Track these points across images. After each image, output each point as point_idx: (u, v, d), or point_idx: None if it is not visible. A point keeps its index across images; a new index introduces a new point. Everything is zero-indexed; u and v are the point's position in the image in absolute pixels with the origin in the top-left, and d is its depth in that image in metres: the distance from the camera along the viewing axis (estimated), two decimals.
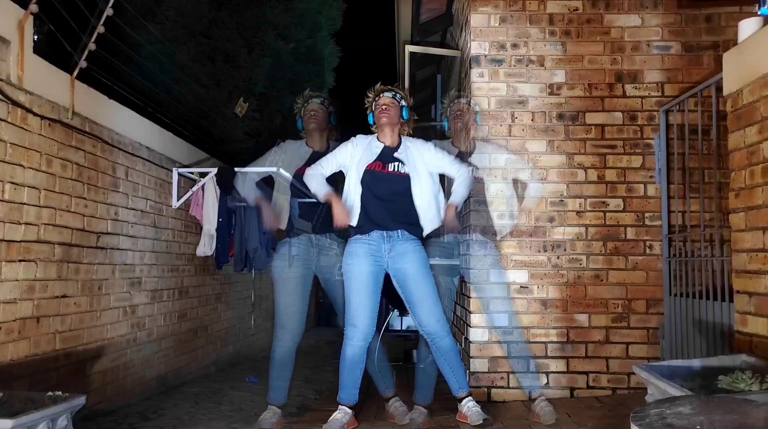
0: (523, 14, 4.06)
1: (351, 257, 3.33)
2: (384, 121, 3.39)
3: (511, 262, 3.90)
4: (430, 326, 3.29)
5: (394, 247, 3.31)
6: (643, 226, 3.93)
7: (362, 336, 3.27)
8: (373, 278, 3.31)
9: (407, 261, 3.30)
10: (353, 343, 3.28)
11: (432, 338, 3.30)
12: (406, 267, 3.30)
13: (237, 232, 4.78)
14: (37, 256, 3.05)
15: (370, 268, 3.30)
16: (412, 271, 3.30)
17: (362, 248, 3.31)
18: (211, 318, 5.55)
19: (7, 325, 2.83)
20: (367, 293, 3.28)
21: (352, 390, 3.30)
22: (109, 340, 3.77)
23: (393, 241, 3.31)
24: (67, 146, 3.32)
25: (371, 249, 3.31)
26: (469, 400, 3.25)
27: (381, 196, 3.34)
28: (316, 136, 3.73)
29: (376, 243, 3.31)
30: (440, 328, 3.28)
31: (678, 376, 2.28)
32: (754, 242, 2.57)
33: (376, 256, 3.31)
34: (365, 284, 3.29)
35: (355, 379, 3.31)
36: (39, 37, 3.39)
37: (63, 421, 2.32)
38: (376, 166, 3.36)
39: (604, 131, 3.99)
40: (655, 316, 3.87)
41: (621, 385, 3.85)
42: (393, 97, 3.42)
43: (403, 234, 3.32)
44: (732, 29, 3.28)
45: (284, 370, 3.58)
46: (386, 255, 3.32)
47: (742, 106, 2.69)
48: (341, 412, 3.24)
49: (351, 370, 3.30)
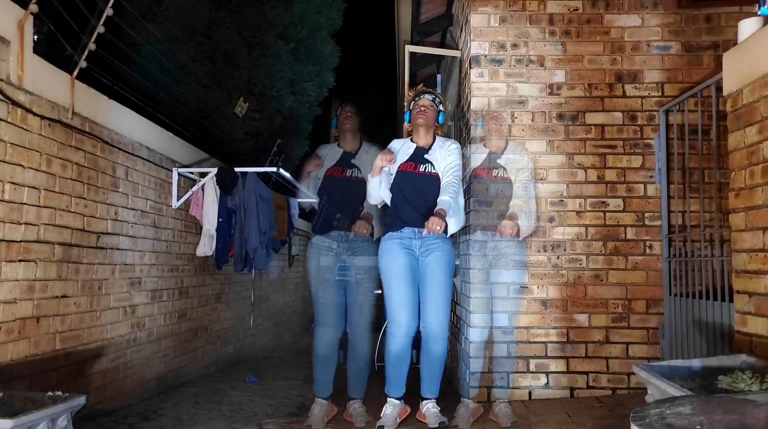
0: (523, 14, 4.06)
1: (386, 254, 3.44)
2: (420, 121, 3.51)
3: (511, 262, 3.89)
4: (430, 327, 3.38)
5: (424, 242, 3.40)
6: (643, 226, 3.93)
7: (405, 331, 3.37)
8: (410, 271, 3.40)
9: (432, 258, 3.39)
10: (397, 340, 3.37)
11: (427, 339, 3.39)
12: (428, 262, 3.39)
13: (237, 232, 4.78)
14: (37, 256, 3.05)
15: (406, 260, 3.40)
16: (432, 269, 3.38)
17: (396, 244, 3.41)
18: (211, 318, 5.55)
19: (7, 325, 2.83)
20: (406, 287, 3.38)
21: (398, 384, 3.41)
22: (109, 340, 3.77)
23: (423, 237, 3.37)
24: (67, 146, 3.32)
25: (404, 244, 3.41)
26: (429, 401, 3.37)
27: (412, 195, 3.45)
28: (348, 137, 3.89)
29: (408, 239, 3.41)
30: (438, 333, 3.37)
31: (678, 376, 2.28)
32: (754, 242, 2.57)
33: (408, 250, 3.40)
34: (404, 277, 3.38)
35: (401, 374, 3.41)
36: (39, 37, 3.39)
37: (63, 421, 2.32)
38: (408, 166, 3.49)
39: (604, 131, 3.99)
40: (655, 316, 3.87)
41: (621, 385, 3.85)
42: (432, 100, 3.56)
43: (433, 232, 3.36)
44: (732, 29, 3.28)
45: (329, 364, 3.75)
46: (417, 250, 3.41)
47: (742, 106, 2.69)
48: (391, 405, 3.37)
49: (396, 366, 3.39)
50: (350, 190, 3.78)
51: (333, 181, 3.82)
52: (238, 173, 4.78)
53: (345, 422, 3.59)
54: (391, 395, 3.41)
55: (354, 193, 3.77)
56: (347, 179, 3.81)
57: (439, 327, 3.35)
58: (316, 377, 3.72)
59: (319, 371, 3.71)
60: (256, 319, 6.95)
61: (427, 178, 3.45)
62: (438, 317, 3.35)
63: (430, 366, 3.41)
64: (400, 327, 3.35)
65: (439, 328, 3.35)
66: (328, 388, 3.72)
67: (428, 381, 3.42)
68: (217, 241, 4.74)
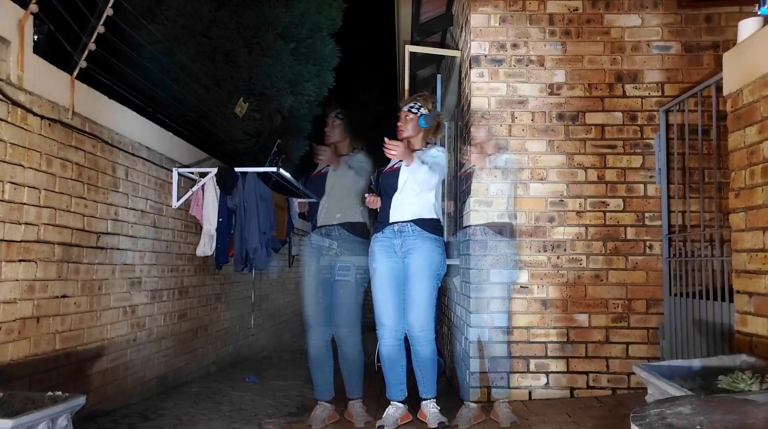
0: (523, 14, 4.05)
1: (371, 257, 3.47)
2: (403, 135, 3.54)
3: (511, 262, 3.89)
4: (412, 330, 3.38)
5: (405, 242, 3.39)
6: (643, 226, 3.93)
7: (392, 333, 3.37)
8: (393, 274, 3.40)
9: (412, 258, 3.37)
10: (385, 342, 3.40)
11: (412, 342, 3.40)
12: (409, 263, 3.38)
13: (237, 232, 4.78)
14: (37, 256, 3.05)
15: (388, 263, 3.40)
16: (412, 271, 3.36)
17: (377, 246, 3.44)
18: (211, 318, 5.55)
19: (7, 325, 2.83)
20: (389, 289, 3.38)
21: (397, 386, 3.42)
22: (109, 340, 3.77)
23: (404, 236, 3.37)
24: (67, 146, 3.32)
25: (385, 245, 3.42)
26: (430, 402, 3.37)
27: (388, 193, 3.49)
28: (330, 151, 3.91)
29: (389, 239, 3.41)
30: (421, 336, 3.36)
31: (678, 376, 2.28)
32: (754, 242, 2.57)
33: (390, 252, 3.40)
34: (386, 281, 3.39)
35: (397, 376, 3.43)
36: (39, 37, 3.39)
37: (63, 421, 2.32)
38: (389, 169, 3.55)
39: (604, 131, 3.99)
40: (655, 316, 3.87)
41: (621, 385, 3.85)
42: (409, 109, 3.54)
43: (414, 229, 3.35)
44: (732, 29, 3.28)
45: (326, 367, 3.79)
46: (399, 250, 3.40)
47: (742, 106, 2.69)
48: (393, 407, 3.38)
49: (390, 368, 3.41)
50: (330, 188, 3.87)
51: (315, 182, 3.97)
52: (238, 173, 4.78)
53: (346, 422, 3.60)
54: (392, 399, 3.42)
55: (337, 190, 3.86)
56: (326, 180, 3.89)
57: (420, 329, 3.34)
58: (314, 380, 3.74)
59: (316, 374, 3.73)
60: (256, 319, 6.95)
61: (395, 172, 3.48)
62: (419, 320, 3.33)
63: (421, 368, 3.42)
64: (385, 329, 3.39)
65: (420, 331, 3.34)
66: (329, 390, 3.73)
67: (422, 381, 3.43)
68: (217, 241, 4.74)
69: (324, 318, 3.72)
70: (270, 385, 4.96)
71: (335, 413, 3.66)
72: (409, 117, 3.52)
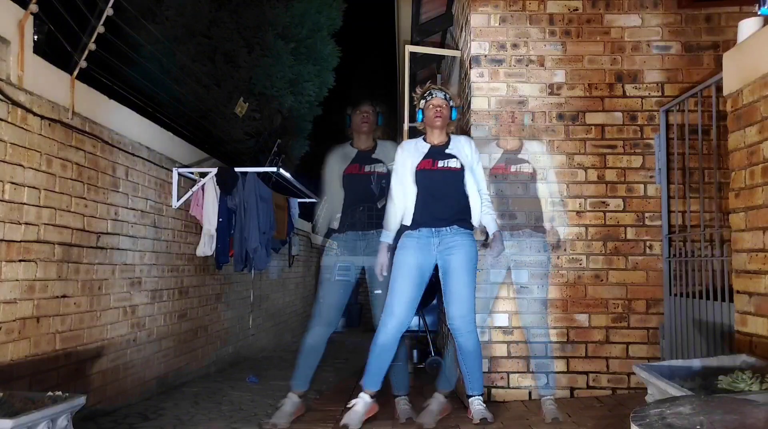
0: (523, 14, 4.06)
1: (401, 249, 3.41)
2: (438, 123, 3.45)
3: (511, 262, 3.90)
4: (454, 321, 3.35)
5: (443, 240, 3.37)
6: (643, 226, 3.93)
7: (397, 324, 3.33)
8: (418, 271, 3.37)
9: (452, 253, 3.36)
10: (387, 330, 3.33)
11: (456, 335, 3.37)
12: (449, 259, 3.36)
13: (237, 232, 4.78)
14: (37, 256, 3.05)
15: (417, 260, 3.36)
16: (453, 263, 3.36)
17: (411, 242, 3.39)
18: (211, 318, 5.54)
19: (7, 325, 2.83)
20: (410, 282, 3.35)
21: (376, 376, 3.33)
22: (109, 340, 3.77)
23: (442, 235, 3.37)
24: (67, 146, 3.32)
25: (420, 243, 3.38)
26: (476, 398, 3.35)
27: (433, 193, 3.40)
28: (363, 138, 3.84)
29: (425, 238, 3.38)
30: (462, 326, 3.34)
31: (678, 376, 2.28)
32: (754, 242, 2.57)
33: (424, 250, 3.37)
34: (412, 276, 3.35)
35: (382, 367, 3.36)
36: (39, 37, 3.38)
37: (63, 421, 2.32)
38: (426, 164, 3.42)
39: (604, 131, 3.99)
40: (655, 316, 3.87)
41: (621, 385, 3.85)
42: (444, 97, 3.49)
43: (453, 229, 3.35)
44: (732, 29, 3.28)
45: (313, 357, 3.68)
46: (435, 249, 3.38)
47: (742, 106, 2.69)
48: (361, 401, 3.29)
49: (379, 357, 3.34)
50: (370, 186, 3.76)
51: (352, 179, 3.78)
52: (238, 173, 4.78)
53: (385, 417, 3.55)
54: (366, 388, 3.32)
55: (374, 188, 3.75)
56: (366, 175, 3.79)
57: (461, 319, 3.32)
58: (297, 367, 3.61)
59: (302, 361, 3.62)
60: (256, 319, 6.95)
61: (447, 173, 3.40)
62: (461, 310, 3.32)
63: (466, 361, 3.36)
64: (393, 318, 3.31)
65: (463, 322, 3.32)
66: (305, 382, 3.63)
67: (468, 377, 3.38)
68: (217, 241, 4.74)
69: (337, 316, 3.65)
70: (270, 385, 4.95)
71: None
72: (446, 105, 3.48)
